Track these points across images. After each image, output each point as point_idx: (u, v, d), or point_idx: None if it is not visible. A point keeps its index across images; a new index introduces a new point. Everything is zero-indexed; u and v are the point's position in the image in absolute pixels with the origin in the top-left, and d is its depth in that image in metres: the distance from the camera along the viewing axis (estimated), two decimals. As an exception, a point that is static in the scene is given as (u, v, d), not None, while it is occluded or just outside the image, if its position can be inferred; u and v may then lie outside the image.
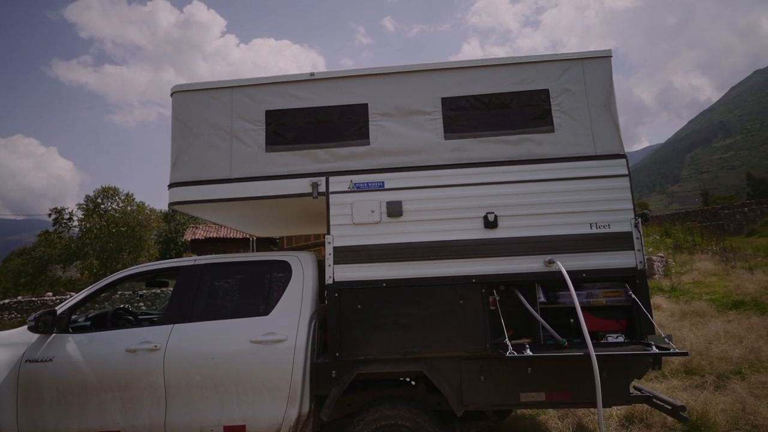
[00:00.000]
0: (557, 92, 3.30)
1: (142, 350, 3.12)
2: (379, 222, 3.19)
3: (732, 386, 4.59)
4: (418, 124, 3.35)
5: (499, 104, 3.34)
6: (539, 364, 2.95)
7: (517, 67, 3.36)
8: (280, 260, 3.47)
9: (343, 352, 3.05)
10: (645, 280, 3.04)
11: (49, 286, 30.05)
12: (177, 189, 3.44)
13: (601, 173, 3.17)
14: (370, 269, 3.13)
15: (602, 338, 3.04)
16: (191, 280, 3.43)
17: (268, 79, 3.52)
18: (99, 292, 3.51)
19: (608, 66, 3.33)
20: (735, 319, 7.19)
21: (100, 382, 3.10)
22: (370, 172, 3.29)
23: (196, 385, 3.06)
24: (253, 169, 3.38)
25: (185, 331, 3.19)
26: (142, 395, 3.07)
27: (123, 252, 32.13)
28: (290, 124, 3.43)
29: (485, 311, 3.03)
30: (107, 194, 34.41)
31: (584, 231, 3.09)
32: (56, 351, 3.18)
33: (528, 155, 3.24)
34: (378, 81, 3.42)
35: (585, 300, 3.05)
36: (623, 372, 2.99)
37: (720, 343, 5.82)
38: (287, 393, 3.00)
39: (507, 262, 3.08)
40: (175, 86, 3.57)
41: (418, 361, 3.06)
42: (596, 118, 3.25)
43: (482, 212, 3.14)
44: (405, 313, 3.06)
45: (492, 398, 3.03)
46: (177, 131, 3.50)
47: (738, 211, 24.40)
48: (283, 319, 3.17)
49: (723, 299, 8.88)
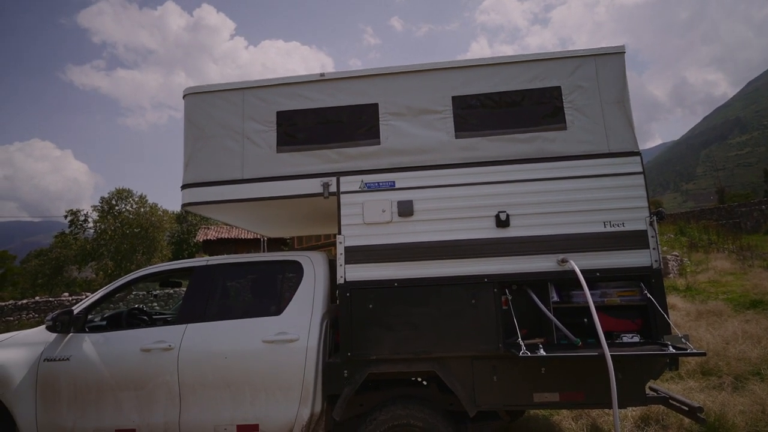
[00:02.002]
0: (569, 89, 3.26)
1: (156, 349, 3.16)
2: (390, 222, 3.18)
3: (751, 387, 4.50)
4: (429, 123, 3.34)
5: (510, 102, 3.32)
6: (553, 364, 2.92)
7: (529, 65, 3.33)
8: (292, 260, 3.49)
9: (355, 351, 3.06)
10: (661, 279, 2.99)
11: (66, 286, 30.60)
12: (190, 190, 3.48)
13: (615, 171, 3.12)
14: (382, 269, 3.12)
15: (617, 338, 3.00)
16: (204, 281, 3.46)
17: (278, 81, 3.53)
18: (114, 293, 3.56)
19: (621, 62, 3.28)
20: (753, 318, 7.04)
21: (115, 380, 3.15)
22: (381, 172, 3.28)
23: (210, 384, 3.09)
24: (264, 170, 3.40)
25: (198, 331, 3.23)
26: (157, 394, 3.11)
27: (137, 253, 32.59)
28: (301, 124, 3.44)
29: (498, 311, 3.01)
30: (121, 196, 34.92)
31: (598, 229, 3.05)
32: (73, 350, 3.24)
33: (540, 153, 3.21)
34: (388, 81, 3.42)
35: (599, 299, 3.00)
36: (639, 372, 2.94)
37: (738, 344, 5.71)
38: (299, 392, 3.02)
39: (519, 262, 3.06)
40: (187, 89, 3.61)
41: (430, 360, 3.04)
42: (609, 115, 3.21)
43: (494, 211, 3.12)
44: (417, 313, 3.05)
45: (505, 398, 3.01)
46: (189, 133, 3.54)
47: (755, 209, 23.89)
48: (295, 318, 3.18)
49: (740, 298, 8.71)
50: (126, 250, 32.27)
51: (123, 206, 34.78)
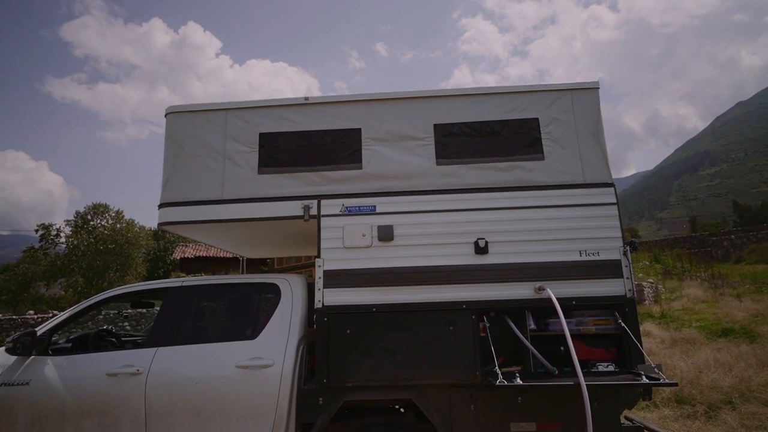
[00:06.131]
0: (547, 121, 3.37)
1: (123, 374, 3.03)
2: (370, 246, 3.18)
3: (723, 416, 4.56)
4: (411, 149, 3.38)
5: (490, 131, 3.40)
6: (530, 393, 2.91)
7: (508, 96, 3.44)
8: (269, 283, 3.43)
9: (331, 378, 2.99)
10: (634, 308, 3.04)
11: (32, 304, 29.27)
12: (167, 209, 3.42)
13: (590, 201, 3.21)
14: (360, 293, 3.10)
15: (593, 367, 3.02)
16: (178, 302, 3.37)
17: (262, 102, 3.55)
18: (82, 313, 3.43)
19: (596, 97, 3.42)
20: (725, 347, 7.20)
21: (78, 407, 2.99)
22: (362, 196, 3.29)
23: (178, 411, 2.96)
24: (245, 191, 3.37)
25: (169, 355, 3.11)
26: (122, 421, 2.97)
27: (110, 270, 31.55)
28: (284, 147, 3.45)
29: (475, 338, 3.00)
30: (98, 211, 33.98)
31: (574, 258, 3.11)
32: (34, 374, 3.08)
33: (518, 182, 3.28)
34: (372, 106, 3.47)
35: (575, 328, 3.03)
36: (614, 402, 2.96)
37: (710, 372, 5.81)
38: (272, 420, 2.92)
39: (497, 289, 3.08)
40: (170, 107, 3.59)
41: (407, 388, 3.00)
42: (585, 147, 3.32)
43: (473, 238, 3.15)
44: (394, 339, 3.02)
45: (482, 428, 2.97)
46: (170, 151, 3.50)
47: (725, 238, 24.76)
48: (271, 343, 3.11)
49: (712, 326, 8.91)
50: (99, 266, 31.21)
51: (98, 221, 33.83)
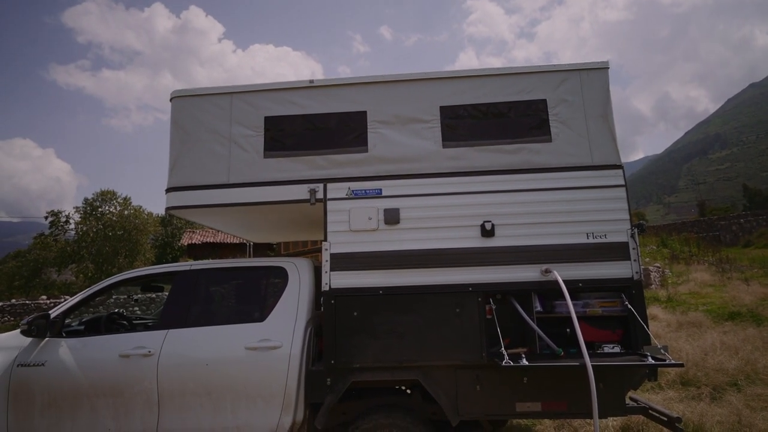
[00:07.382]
0: (555, 102, 3.32)
1: (135, 355, 3.10)
2: (376, 229, 3.18)
3: (728, 398, 4.58)
4: (417, 132, 3.36)
5: (497, 113, 3.36)
6: (535, 374, 2.94)
7: (516, 77, 3.38)
8: (277, 266, 3.46)
9: (339, 359, 3.04)
10: (641, 291, 3.04)
11: (44, 289, 29.80)
12: (174, 194, 3.44)
13: (598, 183, 3.18)
14: (367, 276, 3.12)
15: (598, 348, 3.03)
16: (187, 286, 3.41)
17: (267, 86, 3.53)
18: (94, 296, 3.49)
19: (605, 77, 3.35)
20: (731, 330, 7.20)
21: (92, 387, 3.07)
22: (368, 180, 3.29)
23: (190, 391, 3.03)
24: (251, 175, 3.38)
25: (180, 337, 3.17)
26: (135, 401, 3.04)
27: (119, 256, 31.94)
28: (289, 130, 3.44)
29: (482, 320, 3.02)
30: (105, 198, 34.26)
31: (581, 241, 3.10)
32: (49, 355, 3.15)
33: (525, 164, 3.25)
34: (377, 89, 3.44)
35: (581, 310, 3.04)
36: (619, 383, 2.98)
37: (716, 355, 5.82)
38: (281, 400, 2.98)
39: (504, 271, 3.08)
40: (175, 91, 3.58)
41: (413, 369, 3.04)
42: (593, 129, 3.27)
43: (479, 221, 3.15)
44: (401, 321, 3.05)
45: (488, 408, 3.01)
46: (175, 136, 3.50)
47: (734, 223, 24.52)
48: (279, 325, 3.15)
49: (719, 310, 8.89)
50: (108, 252, 31.61)
51: (107, 208, 34.13)
